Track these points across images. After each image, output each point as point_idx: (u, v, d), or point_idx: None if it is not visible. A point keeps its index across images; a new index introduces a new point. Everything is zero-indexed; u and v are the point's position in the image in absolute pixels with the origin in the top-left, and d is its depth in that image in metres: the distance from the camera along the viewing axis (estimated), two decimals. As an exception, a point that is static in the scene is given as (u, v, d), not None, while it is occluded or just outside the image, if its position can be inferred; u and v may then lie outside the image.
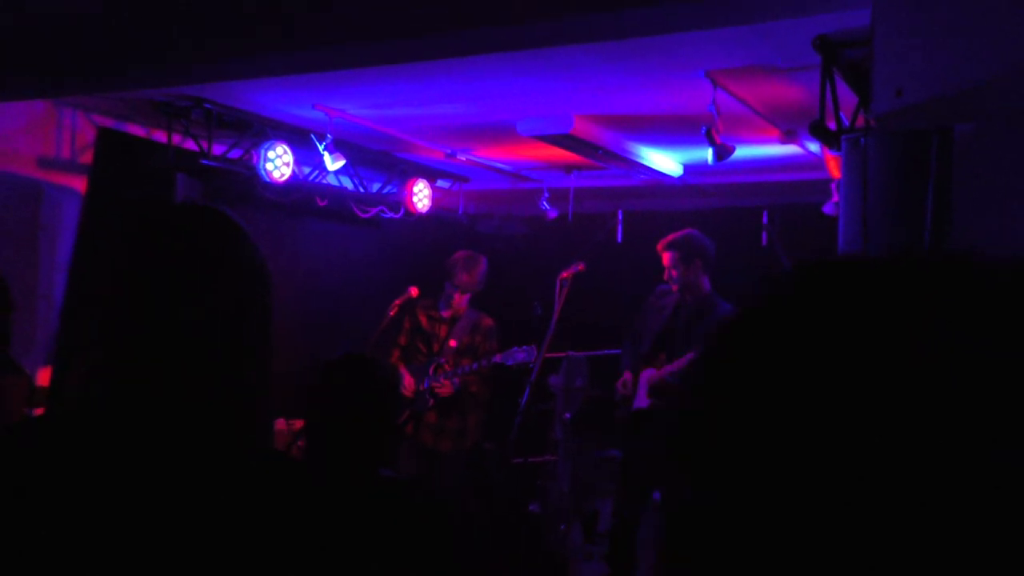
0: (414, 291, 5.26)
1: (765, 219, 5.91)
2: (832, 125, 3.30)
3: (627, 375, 4.90)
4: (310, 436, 1.85)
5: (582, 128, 4.67)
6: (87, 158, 5.15)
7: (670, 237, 4.73)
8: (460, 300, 5.29)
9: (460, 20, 3.59)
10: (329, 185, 5.83)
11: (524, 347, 5.05)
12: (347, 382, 1.84)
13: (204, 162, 4.98)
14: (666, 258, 4.71)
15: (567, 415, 6.38)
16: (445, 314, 5.34)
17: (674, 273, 4.71)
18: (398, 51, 3.92)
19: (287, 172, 5.08)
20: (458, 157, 5.91)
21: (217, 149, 5.08)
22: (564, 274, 4.85)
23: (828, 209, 5.82)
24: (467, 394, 5.26)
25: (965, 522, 0.41)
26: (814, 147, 5.09)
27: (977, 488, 0.41)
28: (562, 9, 3.33)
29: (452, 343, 5.28)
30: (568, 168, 6.16)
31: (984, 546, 0.40)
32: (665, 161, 5.78)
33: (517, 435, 5.08)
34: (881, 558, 0.41)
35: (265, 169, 4.96)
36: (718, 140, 3.86)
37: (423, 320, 5.37)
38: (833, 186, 5.79)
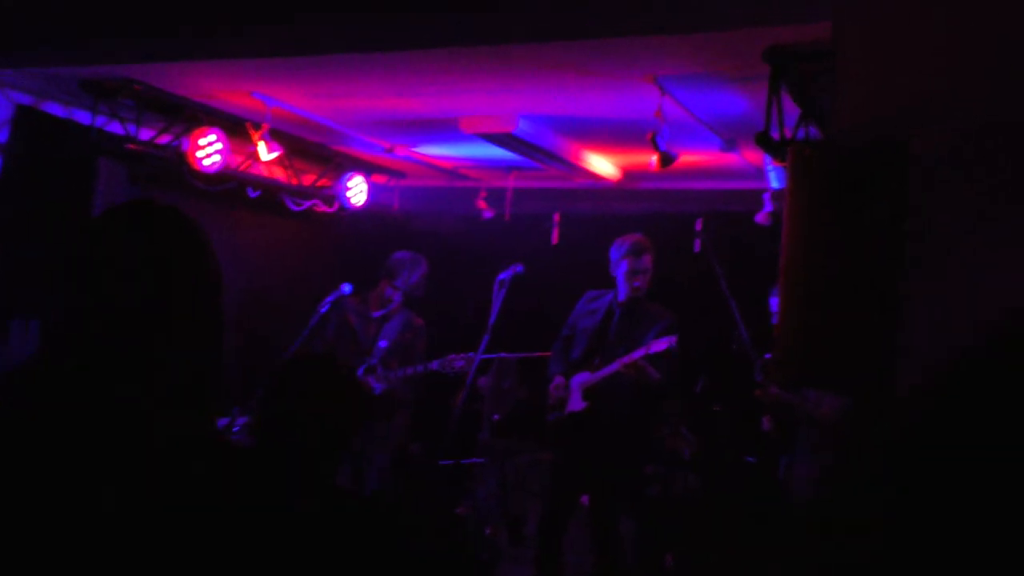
0: (346, 288, 5.14)
1: (699, 226, 5.97)
2: (776, 136, 3.34)
3: (559, 379, 4.88)
4: (264, 434, 1.76)
5: (526, 128, 4.64)
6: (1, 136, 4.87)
7: (641, 239, 4.73)
8: (393, 300, 5.20)
9: (402, 8, 3.52)
10: (261, 176, 5.65)
11: (462, 355, 4.98)
12: (312, 381, 1.76)
13: (129, 147, 4.76)
14: (645, 260, 4.71)
15: (495, 416, 6.35)
16: (376, 313, 5.23)
17: (647, 274, 4.72)
18: (339, 40, 3.82)
19: (218, 160, 4.91)
20: (397, 152, 5.80)
21: (144, 134, 4.87)
22: (503, 276, 4.79)
23: (760, 219, 5.92)
24: (394, 397, 5.17)
25: None
26: (753, 157, 5.17)
27: None
28: (506, 7, 3.29)
29: (383, 343, 5.17)
30: (508, 168, 6.13)
31: None
32: (604, 165, 5.79)
33: (447, 437, 5.02)
34: None
35: (196, 156, 4.78)
36: (662, 147, 3.87)
37: (352, 318, 5.25)
38: (766, 196, 5.90)
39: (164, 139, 4.97)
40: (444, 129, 5.07)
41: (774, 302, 4.52)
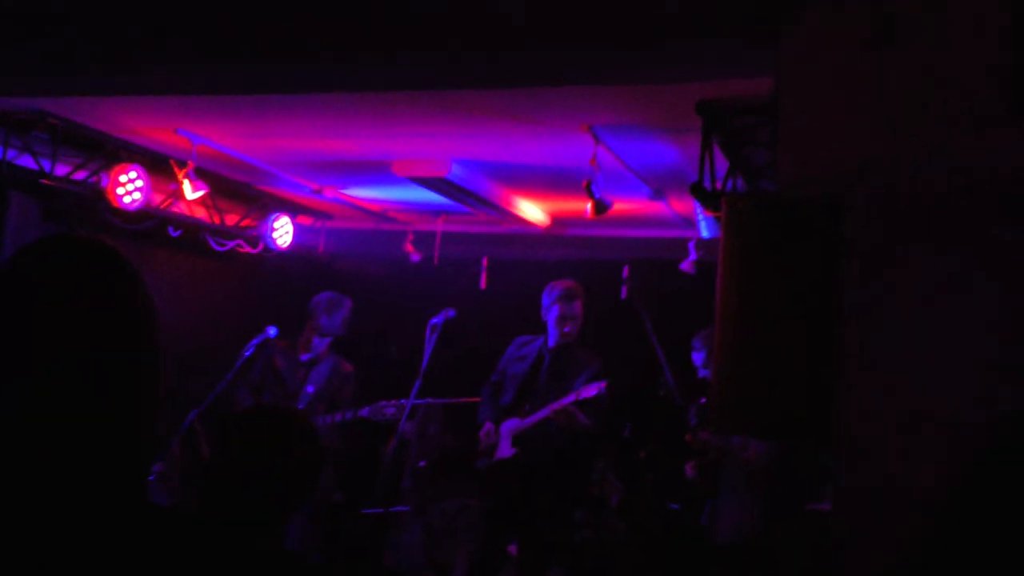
0: (272, 331, 5.01)
1: (625, 273, 6.05)
2: (708, 187, 3.42)
3: (489, 425, 4.84)
4: (209, 489, 1.66)
5: (459, 173, 4.64)
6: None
7: (573, 285, 4.75)
8: (320, 344, 5.08)
9: (336, 50, 3.49)
10: (183, 215, 5.50)
11: (393, 402, 4.88)
12: (267, 435, 1.67)
13: (44, 182, 4.57)
14: (576, 306, 4.72)
15: (421, 463, 6.24)
16: (304, 357, 5.10)
17: (577, 321, 4.73)
18: (270, 80, 3.76)
19: (139, 198, 4.75)
20: (325, 193, 5.73)
21: (60, 170, 4.68)
22: (435, 320, 4.75)
23: (685, 267, 6.05)
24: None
25: None
26: (679, 207, 5.29)
27: None
28: (440, 48, 3.29)
29: (310, 388, 5.04)
30: (437, 212, 6.11)
31: None
32: (534, 211, 5.84)
33: (374, 485, 4.91)
34: None
35: (115, 193, 4.61)
36: (597, 194, 3.92)
37: (279, 362, 5.10)
38: (691, 244, 6.04)
39: (81, 175, 4.79)
40: (375, 171, 5.03)
41: (697, 357, 4.59)
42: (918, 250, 1.99)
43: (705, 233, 4.96)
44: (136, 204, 4.75)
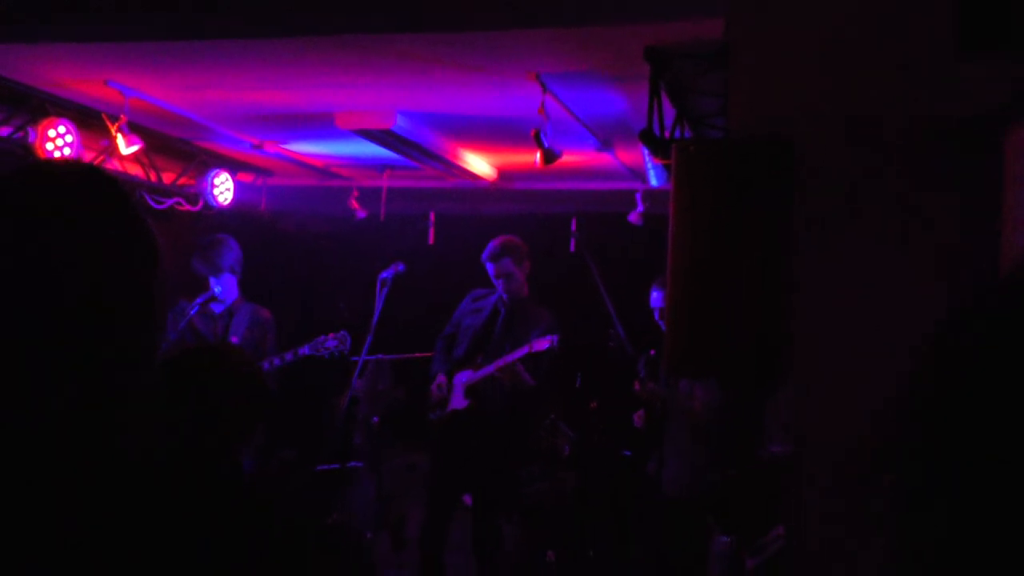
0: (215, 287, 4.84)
1: (574, 226, 6.04)
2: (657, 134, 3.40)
3: (441, 378, 4.83)
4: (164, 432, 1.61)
5: (404, 125, 4.55)
6: None
7: (500, 243, 4.69)
8: (224, 292, 4.80)
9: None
10: (117, 172, 5.30)
11: (333, 335, 4.75)
12: (210, 372, 1.62)
13: (-34, 138, 4.36)
14: (504, 264, 4.66)
15: (374, 419, 6.21)
16: (217, 310, 4.89)
17: (509, 280, 4.68)
18: (205, 25, 3.61)
19: (69, 154, 4.56)
20: (266, 149, 5.58)
21: (-17, 124, 4.47)
22: (384, 275, 4.68)
23: (633, 218, 6.07)
24: None
25: None
26: (626, 158, 5.28)
27: None
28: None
29: (233, 339, 4.84)
30: (382, 167, 6.00)
31: None
32: (481, 164, 5.77)
33: (325, 442, 4.85)
34: None
35: (44, 149, 4.42)
36: (546, 143, 3.88)
37: (196, 321, 4.88)
38: (638, 196, 6.05)
39: (5, 131, 4.58)
40: (317, 125, 4.90)
41: (655, 296, 4.62)
42: (868, 188, 2.00)
43: (654, 182, 4.96)
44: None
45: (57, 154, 4.50)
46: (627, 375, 4.85)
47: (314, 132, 5.14)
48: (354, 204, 6.36)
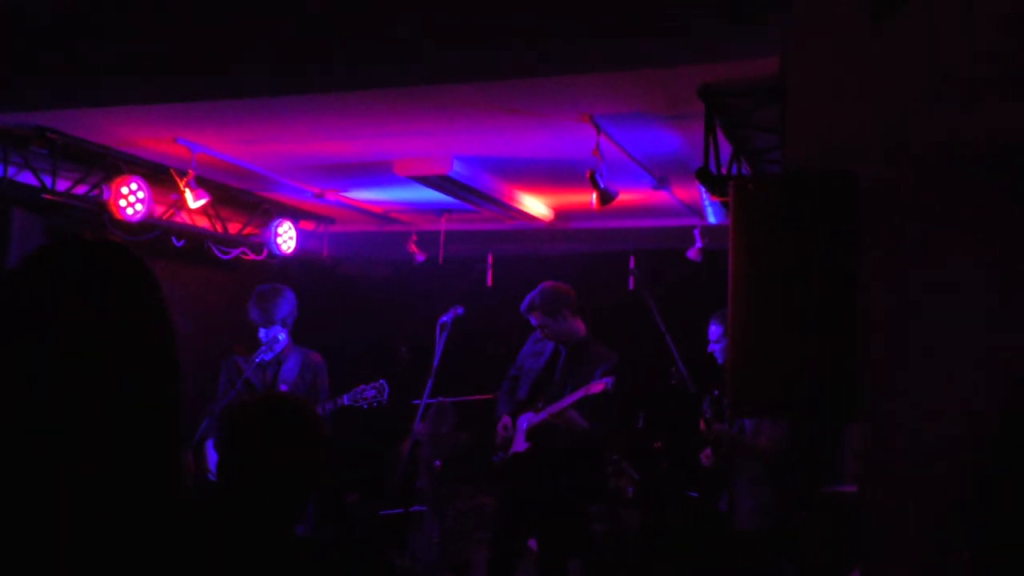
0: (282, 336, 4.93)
1: (632, 264, 6.03)
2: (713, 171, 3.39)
3: (507, 419, 4.84)
4: (224, 480, 1.65)
5: (461, 170, 4.62)
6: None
7: (530, 298, 4.73)
8: (275, 341, 4.79)
9: (332, 50, 3.47)
10: (186, 224, 5.48)
11: (373, 384, 4.75)
12: (275, 424, 1.66)
13: (46, 197, 4.56)
14: (536, 317, 4.71)
15: (437, 462, 6.21)
16: (266, 358, 4.93)
17: (546, 329, 4.72)
18: (267, 84, 3.74)
19: (141, 209, 4.74)
20: (327, 197, 5.71)
21: (61, 184, 4.67)
22: (444, 318, 4.72)
23: (692, 255, 6.03)
24: None
25: None
26: (683, 194, 5.26)
27: None
28: (438, 46, 3.27)
29: (282, 387, 4.86)
30: (440, 211, 6.09)
31: None
32: (537, 205, 5.81)
33: (388, 486, 4.87)
34: None
35: (118, 205, 4.60)
36: (602, 184, 3.89)
37: (245, 371, 4.89)
38: (696, 232, 6.01)
39: (82, 189, 4.78)
40: (376, 172, 5.01)
41: (713, 330, 4.57)
42: (933, 221, 1.97)
43: (712, 219, 4.93)
44: (139, 215, 4.73)
45: (130, 211, 4.67)
46: (691, 414, 4.79)
47: (373, 180, 5.25)
48: (413, 248, 6.44)
